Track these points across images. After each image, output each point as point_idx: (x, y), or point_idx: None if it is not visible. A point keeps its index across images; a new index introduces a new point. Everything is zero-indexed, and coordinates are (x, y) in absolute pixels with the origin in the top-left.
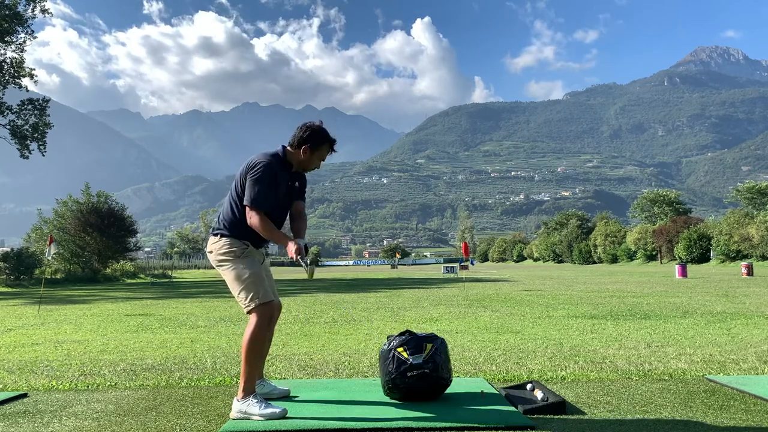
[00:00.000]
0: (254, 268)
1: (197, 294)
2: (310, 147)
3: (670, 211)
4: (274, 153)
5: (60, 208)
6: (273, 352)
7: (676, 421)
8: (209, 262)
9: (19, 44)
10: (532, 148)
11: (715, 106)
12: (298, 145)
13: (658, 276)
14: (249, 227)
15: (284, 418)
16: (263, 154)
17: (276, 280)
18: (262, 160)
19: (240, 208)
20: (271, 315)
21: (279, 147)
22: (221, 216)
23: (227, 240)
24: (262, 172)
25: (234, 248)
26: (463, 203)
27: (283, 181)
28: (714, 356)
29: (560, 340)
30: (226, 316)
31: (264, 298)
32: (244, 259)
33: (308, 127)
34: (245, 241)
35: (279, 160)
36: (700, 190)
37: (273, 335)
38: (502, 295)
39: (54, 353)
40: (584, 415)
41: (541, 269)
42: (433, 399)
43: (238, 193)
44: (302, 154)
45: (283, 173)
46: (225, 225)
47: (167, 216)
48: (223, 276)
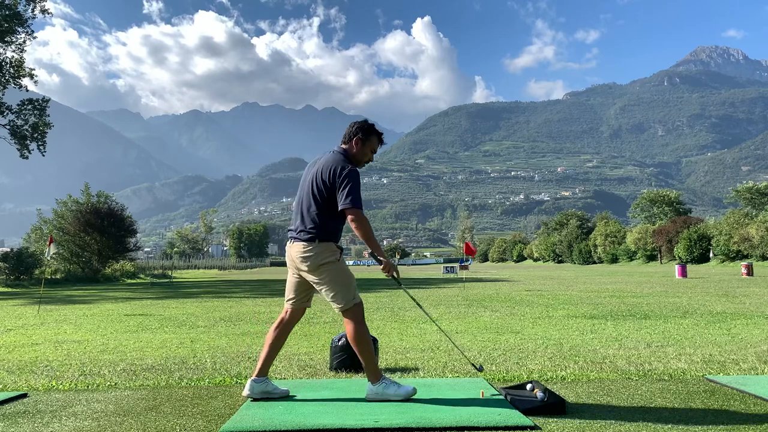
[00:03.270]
0: (348, 272)
1: (197, 294)
2: (361, 138)
3: (670, 211)
4: (344, 156)
5: (60, 209)
6: None
7: (676, 421)
8: (209, 262)
9: (19, 44)
10: (532, 148)
11: (715, 106)
12: (349, 138)
13: (658, 276)
14: (336, 230)
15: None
16: (343, 158)
17: (276, 280)
18: (349, 165)
19: (327, 211)
20: (363, 311)
21: (338, 149)
22: (309, 220)
23: (326, 244)
24: (356, 176)
25: (332, 252)
26: (463, 203)
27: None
28: (714, 356)
29: (560, 340)
30: (226, 316)
31: (357, 298)
32: (341, 263)
33: (356, 124)
34: (337, 244)
35: (351, 161)
36: (700, 190)
37: (289, 334)
38: (502, 295)
39: (54, 353)
40: (584, 415)
41: (541, 269)
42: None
43: (322, 197)
44: (354, 146)
45: None
46: (317, 230)
47: (167, 216)
48: (317, 279)
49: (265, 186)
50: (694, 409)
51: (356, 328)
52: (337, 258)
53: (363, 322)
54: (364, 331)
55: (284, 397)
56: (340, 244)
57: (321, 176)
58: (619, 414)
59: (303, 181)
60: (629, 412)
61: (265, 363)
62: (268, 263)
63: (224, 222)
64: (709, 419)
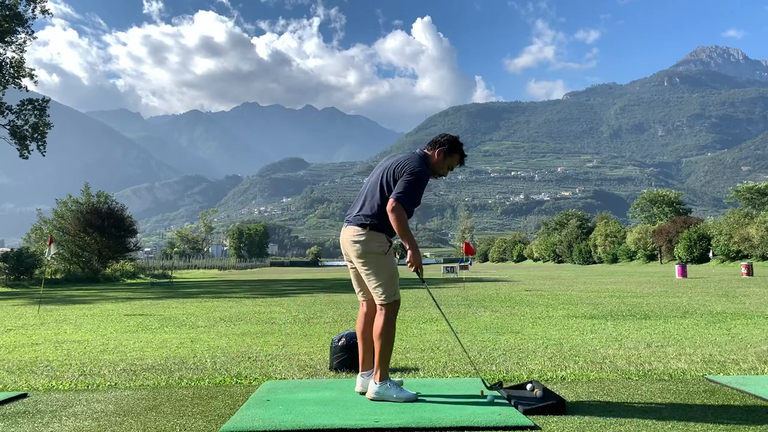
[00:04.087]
0: (395, 266)
1: (197, 294)
2: (445, 151)
3: (670, 211)
4: (422, 158)
5: (60, 209)
6: (273, 352)
7: (676, 421)
8: (209, 262)
9: (19, 44)
10: (532, 148)
11: (715, 106)
12: (434, 147)
13: (658, 276)
14: (391, 225)
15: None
16: (419, 159)
17: (276, 281)
18: (422, 167)
19: (385, 202)
20: (398, 309)
21: (420, 152)
22: (368, 207)
23: (377, 234)
24: (421, 177)
25: (383, 243)
26: (463, 203)
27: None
28: (714, 356)
29: (560, 340)
30: (226, 316)
31: (397, 295)
32: (389, 256)
33: (447, 136)
34: (389, 237)
35: (427, 166)
36: (700, 190)
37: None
38: (502, 295)
39: (54, 353)
40: (584, 415)
41: (541, 269)
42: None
43: (390, 190)
44: (436, 155)
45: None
46: (374, 218)
47: (167, 216)
48: (362, 267)
49: (265, 186)
50: (694, 409)
51: (387, 323)
52: (384, 250)
53: (394, 320)
54: (392, 329)
55: (284, 398)
56: (392, 239)
57: (394, 169)
58: (619, 414)
59: (374, 170)
60: (629, 412)
61: (365, 358)
62: (268, 263)
63: (224, 222)
64: (709, 419)
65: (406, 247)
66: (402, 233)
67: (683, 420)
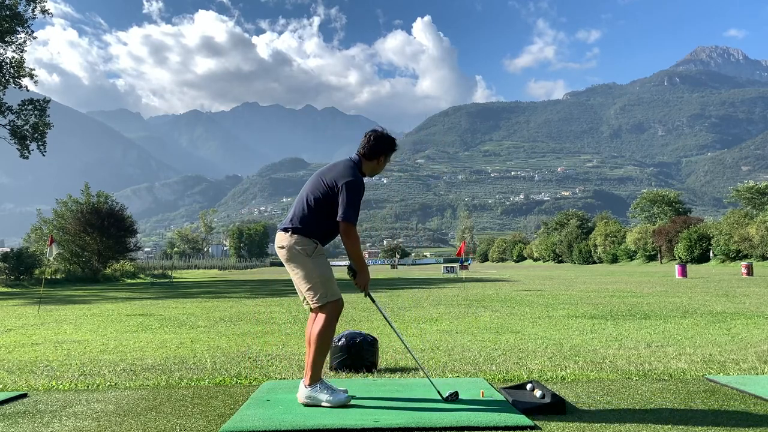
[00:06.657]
0: (324, 267)
1: (197, 294)
2: (386, 155)
3: (670, 211)
4: (355, 165)
5: (60, 209)
6: (273, 352)
7: (676, 421)
8: (209, 262)
9: (19, 44)
10: (532, 148)
11: (715, 106)
12: (373, 155)
13: (658, 276)
14: (319, 232)
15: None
16: (352, 168)
17: (276, 280)
18: (355, 176)
19: (318, 212)
20: (339, 311)
21: (351, 159)
22: (294, 214)
23: (299, 237)
24: (359, 189)
25: (306, 246)
26: (463, 203)
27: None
28: (714, 356)
29: (560, 340)
30: (226, 317)
31: (333, 296)
32: (315, 258)
33: (377, 137)
34: (315, 240)
35: (360, 171)
36: (700, 190)
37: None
38: (502, 295)
39: (54, 353)
40: (584, 414)
41: (541, 269)
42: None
43: (316, 197)
44: (378, 163)
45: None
46: (298, 223)
47: (167, 216)
48: (291, 271)
49: (265, 186)
50: (694, 409)
51: (325, 325)
52: (308, 253)
53: (333, 323)
54: (330, 333)
55: (284, 398)
56: (318, 242)
57: (327, 179)
58: (619, 414)
59: (310, 178)
60: (629, 412)
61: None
62: (268, 263)
63: (224, 222)
64: (709, 419)
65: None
66: (353, 255)
67: (683, 420)
